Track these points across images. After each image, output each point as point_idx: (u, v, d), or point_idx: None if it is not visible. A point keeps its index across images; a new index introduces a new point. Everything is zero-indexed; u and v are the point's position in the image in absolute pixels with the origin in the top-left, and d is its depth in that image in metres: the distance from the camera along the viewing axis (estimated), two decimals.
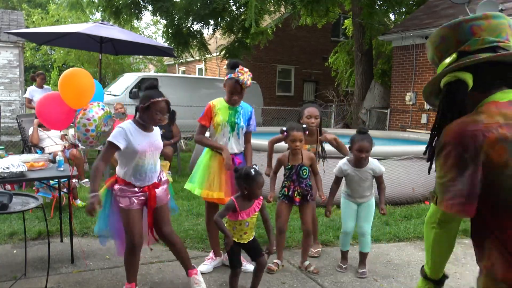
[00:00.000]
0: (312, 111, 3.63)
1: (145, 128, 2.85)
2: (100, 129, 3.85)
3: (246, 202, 2.87)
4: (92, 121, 3.80)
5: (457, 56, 1.36)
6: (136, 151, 2.76)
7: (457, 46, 1.37)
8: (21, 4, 25.78)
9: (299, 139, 3.32)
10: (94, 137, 3.87)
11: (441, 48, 1.42)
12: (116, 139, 2.71)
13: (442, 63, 1.42)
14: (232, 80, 3.24)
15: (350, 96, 13.94)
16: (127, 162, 2.81)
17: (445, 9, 10.56)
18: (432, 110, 10.32)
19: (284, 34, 17.99)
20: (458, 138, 1.25)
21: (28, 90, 8.26)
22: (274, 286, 3.23)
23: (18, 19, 13.25)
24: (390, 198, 5.50)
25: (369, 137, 3.37)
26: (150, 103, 2.75)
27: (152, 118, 2.79)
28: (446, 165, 1.27)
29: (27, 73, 14.57)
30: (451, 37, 1.38)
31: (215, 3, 11.29)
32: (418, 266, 3.70)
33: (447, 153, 1.27)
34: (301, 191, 3.43)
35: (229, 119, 3.33)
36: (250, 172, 2.82)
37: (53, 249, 3.59)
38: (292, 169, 3.42)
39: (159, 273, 3.35)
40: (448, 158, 1.27)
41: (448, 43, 1.39)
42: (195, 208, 5.07)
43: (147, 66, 26.12)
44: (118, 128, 2.77)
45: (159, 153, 2.96)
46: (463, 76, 1.31)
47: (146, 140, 2.81)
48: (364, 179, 3.40)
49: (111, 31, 6.30)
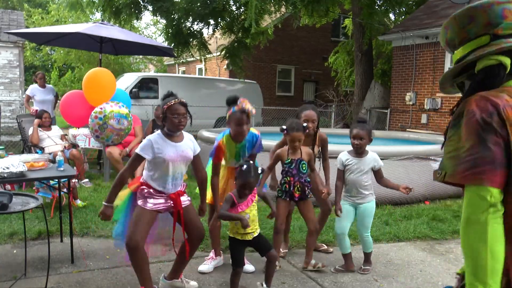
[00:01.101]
0: (309, 114, 3.61)
1: (172, 138, 2.86)
2: (107, 120, 3.87)
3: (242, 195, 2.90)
4: (103, 110, 3.83)
5: (490, 39, 1.31)
6: (164, 160, 2.78)
7: (486, 28, 1.32)
8: (21, 4, 25.79)
9: (298, 139, 3.32)
10: (100, 126, 3.88)
11: (469, 28, 1.35)
12: (143, 151, 2.77)
13: (460, 50, 1.38)
14: (237, 113, 3.11)
15: (350, 96, 13.94)
16: (155, 168, 2.83)
17: (445, 9, 10.56)
18: (432, 110, 10.33)
19: (284, 34, 18.00)
20: (482, 105, 1.20)
21: (30, 87, 8.23)
22: (274, 286, 3.23)
23: (18, 19, 13.25)
24: (390, 198, 5.51)
25: (365, 126, 3.41)
26: (165, 110, 2.79)
27: (171, 123, 2.79)
28: (466, 133, 1.21)
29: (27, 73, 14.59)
30: (482, 19, 1.32)
31: (215, 3, 11.30)
32: (418, 266, 3.71)
33: (467, 120, 1.21)
34: (301, 186, 3.43)
35: (236, 156, 3.34)
36: (242, 166, 2.84)
37: (53, 249, 3.60)
38: (292, 163, 3.41)
39: (159, 273, 3.34)
40: (469, 125, 1.21)
41: (478, 24, 1.33)
42: (196, 208, 5.06)
43: (147, 66, 26.13)
44: (146, 140, 2.81)
45: (186, 163, 2.94)
46: (505, 60, 1.27)
47: (173, 150, 2.82)
48: (362, 171, 3.39)
49: (111, 31, 6.30)
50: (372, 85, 12.25)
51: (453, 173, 1.21)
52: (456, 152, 1.22)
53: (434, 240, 4.37)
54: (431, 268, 3.68)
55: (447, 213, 5.21)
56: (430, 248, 4.15)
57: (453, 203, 5.67)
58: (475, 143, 1.18)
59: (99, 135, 3.99)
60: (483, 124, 1.19)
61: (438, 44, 10.18)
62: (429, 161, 5.97)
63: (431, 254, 3.99)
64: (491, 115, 1.19)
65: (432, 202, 5.72)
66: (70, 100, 4.02)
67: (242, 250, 2.99)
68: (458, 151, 1.22)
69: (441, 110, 10.18)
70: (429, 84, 10.45)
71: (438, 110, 10.24)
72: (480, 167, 1.16)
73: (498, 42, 1.30)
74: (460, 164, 1.20)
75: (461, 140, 1.22)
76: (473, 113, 1.21)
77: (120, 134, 4.00)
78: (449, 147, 1.26)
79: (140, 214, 2.80)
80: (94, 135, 4.03)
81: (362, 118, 3.52)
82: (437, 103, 10.19)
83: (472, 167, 1.17)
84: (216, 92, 13.22)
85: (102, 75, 4.02)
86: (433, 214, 5.10)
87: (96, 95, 3.92)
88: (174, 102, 2.79)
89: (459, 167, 1.20)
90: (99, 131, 3.93)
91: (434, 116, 10.34)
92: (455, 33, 1.39)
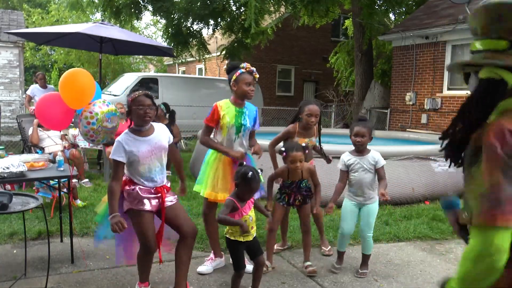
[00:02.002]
0: (313, 109, 3.59)
1: (141, 133, 2.80)
2: (101, 123, 3.86)
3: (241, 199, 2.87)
4: (94, 114, 3.82)
5: (507, 46, 1.19)
6: (139, 159, 2.74)
7: (510, 33, 1.19)
8: (21, 4, 25.78)
9: (299, 159, 3.26)
10: (95, 131, 3.87)
11: (493, 27, 1.22)
12: (115, 155, 2.72)
13: (479, 42, 1.26)
14: (245, 73, 3.31)
15: (350, 96, 13.95)
16: (133, 168, 2.79)
17: (445, 9, 10.56)
18: (432, 110, 10.33)
19: (284, 34, 17.99)
20: (502, 137, 1.11)
21: (30, 87, 8.23)
22: (274, 286, 3.23)
23: (18, 19, 13.25)
24: (390, 198, 5.50)
25: (366, 124, 3.41)
26: (130, 103, 2.76)
27: (137, 115, 2.74)
28: (488, 169, 1.11)
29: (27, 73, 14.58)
30: (509, 20, 1.19)
31: (215, 3, 11.29)
32: (418, 266, 3.71)
33: (489, 155, 1.12)
34: (302, 197, 3.44)
35: (236, 120, 3.33)
36: (248, 173, 2.76)
37: (53, 249, 3.59)
38: (292, 184, 3.42)
39: (159, 273, 3.34)
40: (491, 161, 1.11)
41: (503, 25, 1.20)
42: (195, 208, 5.07)
43: (147, 66, 26.12)
44: (116, 142, 2.76)
45: (164, 152, 2.89)
46: (506, 77, 1.18)
47: (145, 146, 2.77)
48: (366, 169, 3.38)
49: (111, 31, 6.30)
50: (372, 85, 12.25)
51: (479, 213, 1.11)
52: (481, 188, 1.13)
53: (434, 240, 4.37)
54: (431, 268, 3.68)
55: None
56: (430, 248, 4.15)
57: None
58: (499, 180, 1.09)
59: (94, 139, 3.99)
60: (507, 159, 1.10)
61: (438, 44, 10.18)
62: (429, 161, 5.97)
63: (431, 254, 3.99)
64: None
65: (432, 202, 5.71)
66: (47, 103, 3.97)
67: (243, 252, 2.97)
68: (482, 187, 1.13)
69: (441, 110, 10.18)
70: (429, 84, 10.45)
71: (438, 110, 10.23)
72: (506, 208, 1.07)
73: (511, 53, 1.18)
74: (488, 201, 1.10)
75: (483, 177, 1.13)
76: (493, 146, 1.12)
77: (112, 132, 4.03)
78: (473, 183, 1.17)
79: (141, 219, 2.76)
80: (90, 140, 4.02)
81: (362, 116, 3.52)
82: (437, 103, 10.19)
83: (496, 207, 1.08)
84: (216, 92, 13.19)
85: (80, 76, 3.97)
86: (433, 214, 5.10)
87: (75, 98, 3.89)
88: (138, 94, 2.76)
89: (485, 205, 1.11)
90: (94, 135, 3.92)
91: (434, 116, 10.34)
92: (479, 24, 1.27)
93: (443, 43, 10.09)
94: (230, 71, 3.36)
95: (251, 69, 3.33)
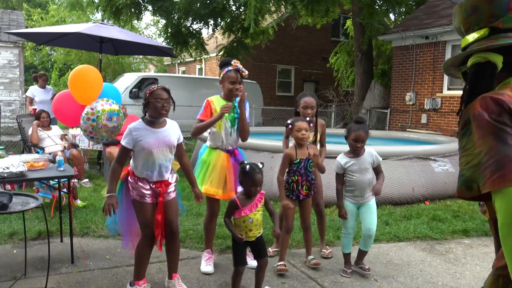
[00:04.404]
0: (308, 101, 3.60)
1: (154, 124, 2.85)
2: (101, 121, 3.86)
3: (247, 198, 2.88)
4: (95, 111, 3.82)
5: (488, 33, 1.25)
6: (144, 147, 2.78)
7: (489, 20, 1.25)
8: (21, 4, 25.77)
9: (304, 128, 3.31)
10: (94, 128, 3.88)
11: (471, 20, 1.29)
12: (124, 140, 2.79)
13: (466, 38, 1.32)
14: (231, 71, 3.33)
15: (350, 96, 13.94)
16: (137, 157, 2.84)
17: (445, 9, 10.56)
18: (432, 110, 10.33)
19: (284, 34, 18.00)
20: (486, 105, 1.15)
21: (30, 89, 8.23)
22: (274, 286, 3.23)
23: (18, 19, 13.24)
24: (390, 198, 5.51)
25: (365, 127, 3.39)
26: (148, 95, 2.79)
27: (154, 108, 2.77)
28: (480, 137, 1.14)
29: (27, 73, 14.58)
30: (485, 10, 1.25)
31: (215, 3, 11.29)
32: (418, 266, 3.71)
33: (478, 124, 1.15)
34: (308, 185, 3.44)
35: (229, 114, 3.37)
36: (246, 167, 2.83)
37: (53, 249, 3.60)
38: (301, 163, 3.39)
39: (159, 273, 3.35)
40: (481, 128, 1.14)
41: (480, 15, 1.27)
42: (195, 208, 5.07)
43: (147, 66, 26.12)
44: (127, 129, 2.82)
45: (170, 149, 2.91)
46: (493, 58, 1.22)
47: (153, 137, 2.81)
48: (364, 169, 3.37)
49: (111, 31, 6.30)
50: (372, 85, 12.25)
51: (485, 180, 1.10)
52: (475, 160, 1.14)
53: (434, 240, 4.37)
54: (431, 268, 3.68)
55: (447, 213, 5.21)
56: (430, 248, 4.15)
57: (453, 203, 5.66)
58: (493, 144, 1.11)
59: (93, 136, 3.99)
60: (495, 123, 1.13)
61: (438, 44, 10.19)
62: (429, 161, 5.97)
63: (431, 254, 3.99)
64: (501, 114, 1.13)
65: (432, 202, 5.71)
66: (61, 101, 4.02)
67: (245, 250, 2.98)
68: (477, 158, 1.14)
69: (441, 110, 10.18)
70: (429, 84, 10.46)
71: (438, 110, 10.24)
72: (507, 167, 1.08)
73: (495, 37, 1.23)
74: (484, 170, 1.11)
75: (476, 146, 1.15)
76: (481, 115, 1.15)
77: (114, 132, 4.02)
78: (466, 158, 1.18)
79: (142, 209, 2.84)
80: (89, 136, 4.02)
81: (360, 118, 3.46)
82: (437, 103, 10.19)
83: (498, 169, 1.08)
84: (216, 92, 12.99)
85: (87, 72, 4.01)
86: (433, 214, 5.10)
87: (83, 93, 3.92)
88: (156, 87, 2.79)
89: (483, 173, 1.11)
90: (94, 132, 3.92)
91: (434, 116, 10.34)
92: (460, 22, 1.34)
93: (443, 43, 10.09)
94: (221, 67, 3.44)
95: (238, 67, 3.33)
